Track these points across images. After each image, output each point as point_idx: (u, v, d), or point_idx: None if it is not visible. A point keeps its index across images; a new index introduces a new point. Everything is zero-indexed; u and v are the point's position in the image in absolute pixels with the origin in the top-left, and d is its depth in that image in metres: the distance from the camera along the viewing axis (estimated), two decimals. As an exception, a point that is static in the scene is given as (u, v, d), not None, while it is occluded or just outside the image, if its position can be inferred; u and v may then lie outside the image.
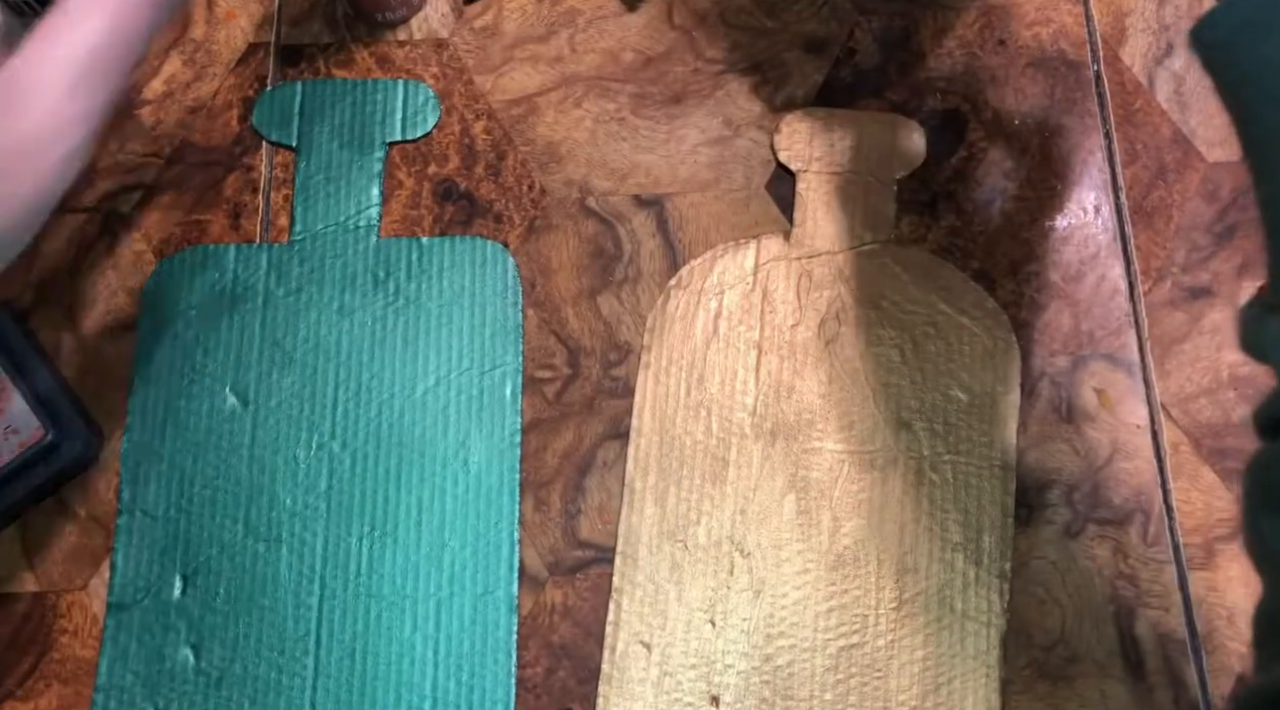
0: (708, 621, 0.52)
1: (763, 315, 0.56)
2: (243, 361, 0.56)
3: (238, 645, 0.52)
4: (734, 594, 0.52)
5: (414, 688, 0.51)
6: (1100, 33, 0.61)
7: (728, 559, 0.53)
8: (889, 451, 0.54)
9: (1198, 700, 0.51)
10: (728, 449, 0.54)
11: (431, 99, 0.61)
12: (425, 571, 0.53)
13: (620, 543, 0.53)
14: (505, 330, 0.57)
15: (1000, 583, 0.52)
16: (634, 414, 0.55)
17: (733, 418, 0.55)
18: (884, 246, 0.57)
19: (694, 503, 0.53)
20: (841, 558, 0.52)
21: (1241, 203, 0.58)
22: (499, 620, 0.52)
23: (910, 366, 0.55)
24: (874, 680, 0.51)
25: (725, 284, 0.57)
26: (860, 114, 0.60)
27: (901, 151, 0.59)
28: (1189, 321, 0.56)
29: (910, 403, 0.55)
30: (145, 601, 0.53)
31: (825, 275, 0.57)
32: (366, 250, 0.58)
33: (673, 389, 0.55)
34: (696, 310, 0.56)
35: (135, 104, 0.62)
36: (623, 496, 0.54)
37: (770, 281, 0.57)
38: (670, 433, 0.55)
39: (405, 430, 0.55)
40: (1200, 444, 0.54)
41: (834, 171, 0.58)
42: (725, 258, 0.57)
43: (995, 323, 0.56)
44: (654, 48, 0.62)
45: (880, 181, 0.58)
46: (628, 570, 0.53)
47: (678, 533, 0.53)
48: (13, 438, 0.53)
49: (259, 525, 0.54)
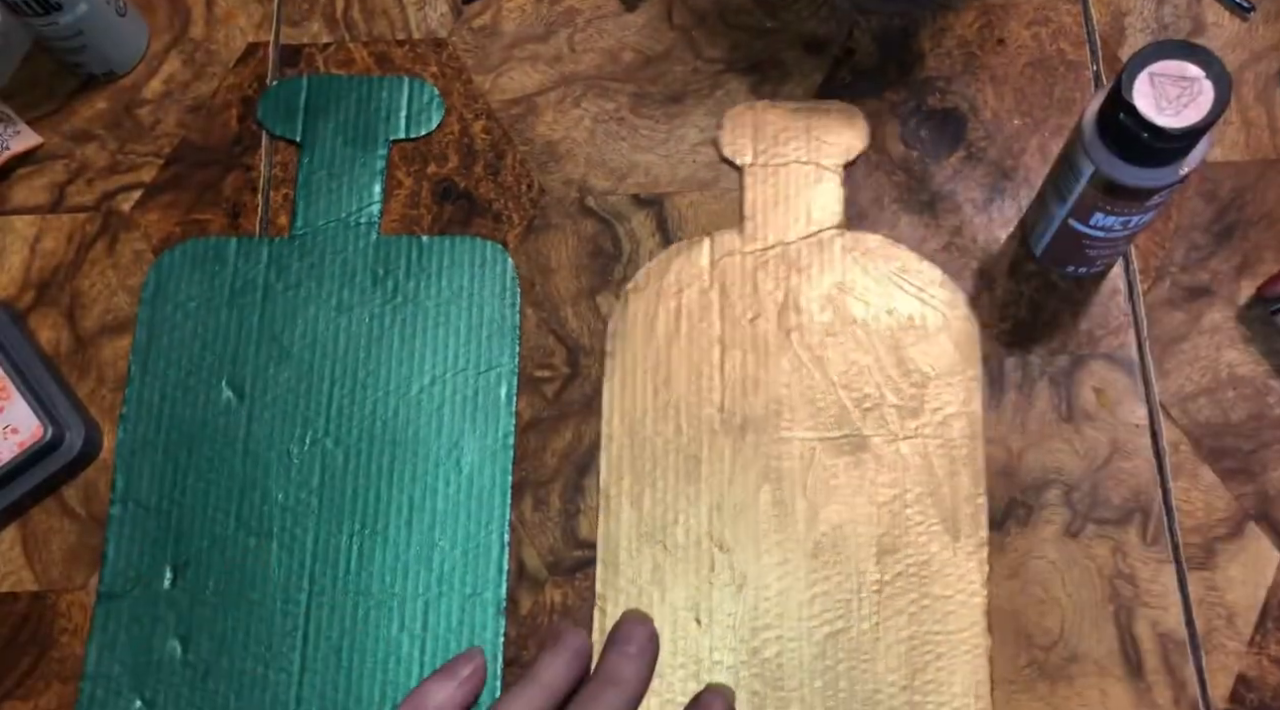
0: (693, 620, 0.52)
1: (722, 311, 0.56)
2: (240, 355, 0.56)
3: (225, 638, 0.52)
4: (717, 590, 0.52)
5: (400, 687, 0.51)
6: (1099, 33, 0.61)
7: (708, 556, 0.53)
8: (858, 435, 0.54)
9: (1197, 700, 0.50)
10: (699, 447, 0.54)
11: (436, 97, 0.61)
12: (414, 571, 0.53)
13: (600, 550, 0.53)
14: (502, 331, 0.57)
15: (979, 555, 0.52)
16: (603, 421, 0.55)
17: (702, 415, 0.55)
18: (836, 232, 0.57)
19: (670, 503, 0.54)
20: (820, 545, 0.53)
21: (1240, 202, 0.58)
22: (486, 622, 0.52)
23: (872, 349, 0.55)
24: (862, 664, 0.51)
25: (682, 283, 0.57)
26: (802, 104, 0.60)
27: (845, 138, 0.59)
28: (1188, 321, 0.56)
29: (875, 384, 0.55)
30: (135, 591, 0.53)
31: (780, 266, 0.57)
32: (367, 247, 0.58)
33: (640, 392, 0.55)
34: (657, 311, 0.56)
35: (135, 103, 0.62)
36: (598, 503, 0.54)
37: (727, 277, 0.57)
38: (641, 435, 0.55)
39: (399, 429, 0.55)
40: (1200, 443, 0.54)
41: (780, 163, 0.59)
42: (680, 257, 0.57)
43: (953, 299, 0.56)
44: (653, 47, 0.62)
45: (826, 169, 0.58)
46: (609, 577, 0.53)
47: (656, 534, 0.53)
48: (12, 437, 0.53)
49: (250, 519, 0.54)
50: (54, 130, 0.62)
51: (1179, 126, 0.43)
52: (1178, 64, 0.44)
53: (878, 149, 0.60)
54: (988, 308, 0.57)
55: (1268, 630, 0.51)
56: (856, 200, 0.59)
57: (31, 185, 0.61)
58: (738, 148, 0.59)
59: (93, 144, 0.62)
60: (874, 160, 0.60)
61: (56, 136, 0.62)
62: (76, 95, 0.63)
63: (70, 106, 0.63)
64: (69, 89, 0.63)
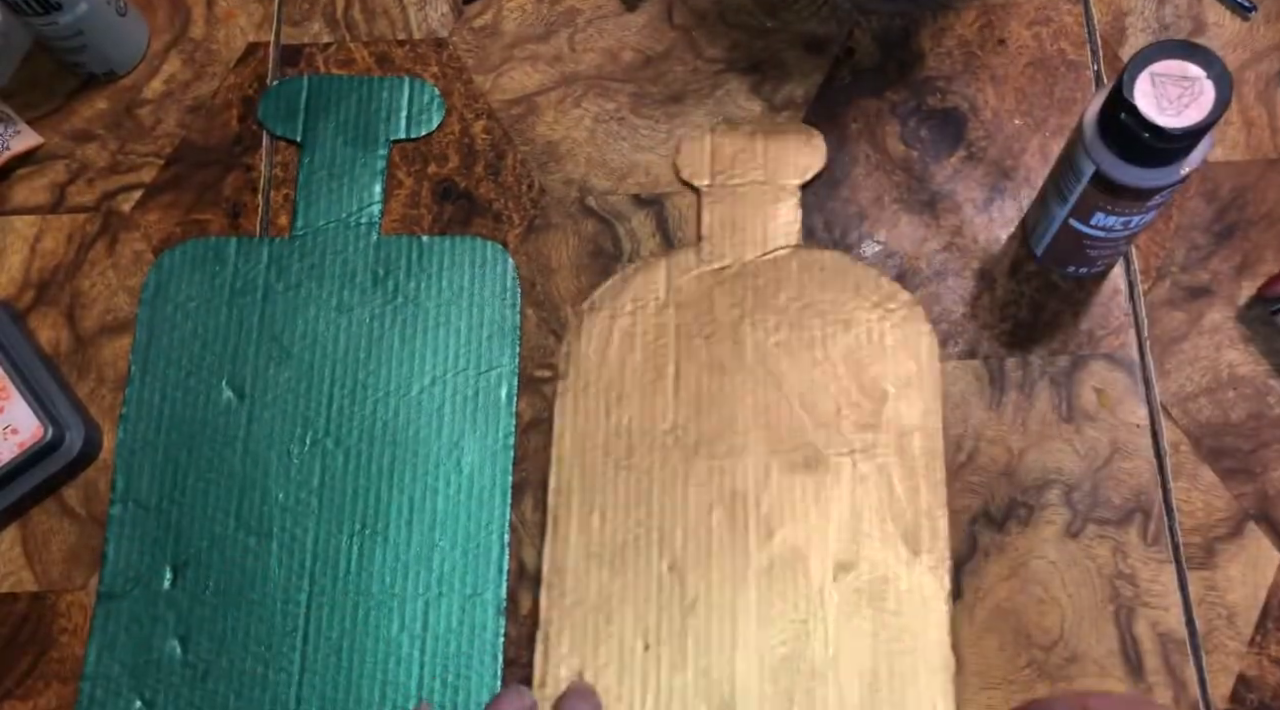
0: (641, 643, 0.51)
1: (678, 330, 0.56)
2: (240, 355, 0.56)
3: (225, 639, 0.52)
4: (666, 612, 0.51)
5: (399, 687, 0.51)
6: (1100, 33, 0.61)
7: (657, 577, 0.52)
8: (814, 450, 0.53)
9: (1197, 700, 0.50)
10: (651, 466, 0.54)
11: (436, 97, 0.61)
12: (414, 571, 0.53)
13: (545, 572, 0.52)
14: (503, 331, 0.57)
15: (939, 570, 0.51)
16: (554, 441, 0.54)
17: (654, 435, 0.54)
18: (793, 251, 0.57)
19: (619, 524, 0.53)
20: (774, 563, 0.52)
21: (1240, 202, 0.58)
22: (486, 622, 0.52)
23: (828, 365, 0.55)
24: (819, 687, 0.50)
25: (638, 303, 0.56)
26: (759, 126, 0.60)
27: (801, 159, 0.59)
28: (1188, 321, 0.56)
29: (833, 400, 0.54)
30: (135, 591, 0.53)
31: (737, 285, 0.57)
32: (367, 247, 0.58)
33: (592, 412, 0.55)
34: (611, 331, 0.56)
35: (135, 103, 0.62)
36: (544, 526, 0.53)
37: (682, 296, 0.56)
38: (592, 456, 0.54)
39: (399, 429, 0.55)
40: (1200, 443, 0.54)
41: (736, 184, 0.59)
42: (637, 277, 0.57)
43: (910, 314, 0.56)
44: (653, 47, 0.62)
45: (783, 189, 0.58)
46: (554, 600, 0.52)
47: (605, 555, 0.52)
48: (12, 437, 0.53)
49: (250, 519, 0.54)
50: (54, 130, 0.62)
51: (1180, 126, 0.43)
52: (1179, 64, 0.44)
53: (878, 149, 0.60)
54: (988, 308, 0.57)
55: (1268, 630, 0.51)
56: (856, 200, 0.59)
57: (32, 185, 0.61)
58: (695, 170, 0.59)
59: (93, 144, 0.62)
60: (874, 160, 0.60)
61: (57, 136, 0.62)
62: (76, 95, 0.63)
63: (70, 106, 0.63)
64: (69, 89, 0.63)
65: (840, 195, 0.59)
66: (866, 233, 0.58)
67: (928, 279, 0.58)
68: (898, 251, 0.58)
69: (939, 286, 0.57)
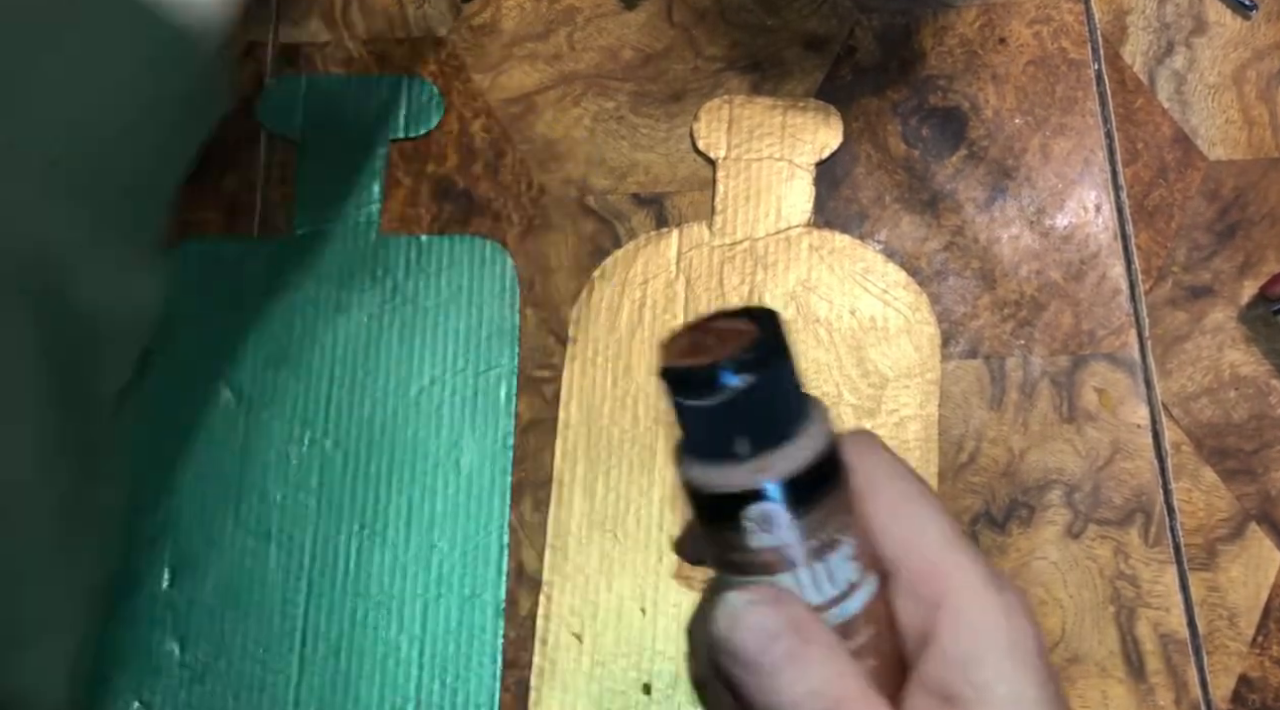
0: (639, 609, 0.52)
1: (686, 303, 0.56)
2: (238, 355, 0.56)
3: (223, 640, 0.52)
4: (664, 581, 0.52)
5: (398, 688, 0.51)
6: (1101, 31, 0.61)
7: (656, 547, 0.53)
8: None
9: (1199, 701, 0.50)
10: (656, 437, 0.54)
11: (435, 96, 0.61)
12: (413, 572, 0.53)
13: (549, 536, 0.53)
14: (502, 331, 0.56)
15: None
16: (561, 406, 0.55)
17: (660, 406, 0.55)
18: (805, 230, 0.57)
19: (623, 492, 0.54)
20: None
21: (1242, 202, 0.58)
22: (485, 624, 0.52)
23: (833, 347, 0.55)
24: None
25: (649, 274, 0.57)
26: (778, 101, 0.60)
27: (819, 136, 0.59)
28: (1190, 321, 0.56)
29: (834, 383, 0.55)
30: (132, 592, 0.53)
31: (747, 261, 0.57)
32: (366, 247, 0.58)
33: (599, 380, 0.55)
34: (621, 301, 0.56)
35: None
36: (550, 490, 0.54)
37: (693, 270, 0.57)
38: (598, 424, 0.55)
39: (398, 429, 0.55)
40: (1202, 444, 0.54)
41: (752, 158, 0.59)
42: (648, 248, 0.57)
43: (916, 302, 0.56)
44: (653, 45, 0.62)
45: (798, 166, 0.58)
46: (557, 563, 0.53)
47: (607, 523, 0.53)
48: (10, 437, 0.53)
49: (248, 520, 0.54)
50: (51, 129, 0.62)
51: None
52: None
53: (879, 148, 0.60)
54: (989, 307, 0.57)
55: (1269, 631, 0.51)
56: (857, 199, 0.59)
57: (29, 184, 0.61)
58: (712, 141, 0.59)
59: (90, 143, 0.61)
60: (875, 159, 0.59)
61: (54, 135, 0.62)
62: (74, 94, 0.63)
63: (68, 105, 0.62)
64: (66, 88, 0.63)
65: (841, 194, 0.59)
66: (867, 232, 0.58)
67: (928, 278, 0.57)
68: (899, 251, 0.58)
69: (940, 286, 0.57)
